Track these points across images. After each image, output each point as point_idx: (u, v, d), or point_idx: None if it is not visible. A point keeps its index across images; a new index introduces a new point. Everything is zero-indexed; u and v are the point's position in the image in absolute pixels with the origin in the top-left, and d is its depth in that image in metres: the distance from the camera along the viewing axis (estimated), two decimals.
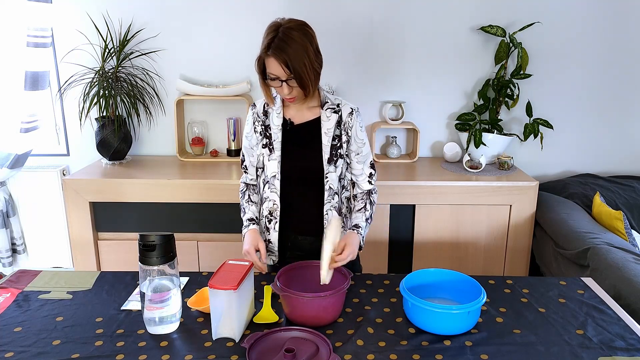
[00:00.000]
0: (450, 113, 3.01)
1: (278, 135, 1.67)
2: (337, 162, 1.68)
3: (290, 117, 1.69)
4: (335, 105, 1.68)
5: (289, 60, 1.50)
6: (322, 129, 1.67)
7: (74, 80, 2.84)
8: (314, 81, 1.58)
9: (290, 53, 1.51)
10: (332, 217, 1.63)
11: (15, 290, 1.60)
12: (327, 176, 1.67)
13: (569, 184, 2.86)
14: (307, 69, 1.53)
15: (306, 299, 1.37)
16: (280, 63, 1.52)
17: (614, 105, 2.97)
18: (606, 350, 1.31)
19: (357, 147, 1.71)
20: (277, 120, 1.68)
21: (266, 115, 1.71)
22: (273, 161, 1.67)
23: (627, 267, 2.00)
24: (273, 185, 1.69)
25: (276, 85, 1.57)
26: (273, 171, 1.68)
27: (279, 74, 1.54)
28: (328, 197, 1.69)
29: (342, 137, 1.68)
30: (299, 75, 1.52)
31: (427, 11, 2.83)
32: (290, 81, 1.54)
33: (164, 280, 1.37)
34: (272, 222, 1.72)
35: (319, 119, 1.68)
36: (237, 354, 1.29)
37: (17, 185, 2.98)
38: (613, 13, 2.83)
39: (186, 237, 2.65)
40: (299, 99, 1.61)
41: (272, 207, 1.71)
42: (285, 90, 1.56)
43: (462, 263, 2.69)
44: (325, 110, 1.68)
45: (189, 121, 3.00)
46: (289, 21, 1.57)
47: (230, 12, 2.83)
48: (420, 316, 1.38)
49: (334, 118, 1.67)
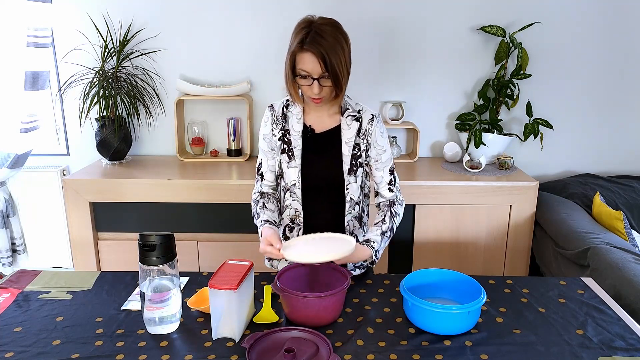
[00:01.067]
0: (450, 113, 3.01)
1: (299, 142, 1.61)
2: (357, 172, 1.63)
3: (310, 124, 1.63)
4: (356, 112, 1.63)
5: (327, 54, 1.44)
6: (342, 137, 1.61)
7: (74, 80, 2.84)
8: (346, 81, 1.52)
9: (326, 47, 1.44)
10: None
11: (15, 290, 1.60)
12: (348, 187, 1.63)
13: (569, 184, 2.86)
14: (342, 66, 1.47)
15: (306, 299, 1.37)
16: (317, 57, 1.45)
17: (614, 105, 2.97)
18: (606, 350, 1.31)
19: (377, 153, 1.65)
20: (297, 126, 1.62)
21: (285, 119, 1.64)
22: (293, 169, 1.62)
23: (627, 267, 2.00)
24: (294, 193, 1.64)
25: (306, 83, 1.50)
26: (293, 179, 1.62)
27: (313, 71, 1.47)
28: (349, 209, 1.66)
29: (362, 145, 1.62)
30: (335, 72, 1.46)
31: (427, 11, 2.83)
32: (322, 79, 1.48)
33: (164, 280, 1.37)
34: (295, 229, 1.68)
35: (339, 127, 1.63)
36: (237, 354, 1.29)
37: (17, 185, 2.98)
38: (613, 13, 2.83)
39: (186, 237, 2.65)
40: (326, 100, 1.55)
41: (294, 214, 1.67)
42: (316, 89, 1.49)
43: (462, 263, 2.69)
44: (345, 118, 1.62)
45: (189, 121, 3.00)
46: (321, 18, 1.52)
47: (230, 12, 2.84)
48: (420, 316, 1.38)
49: (355, 126, 1.61)
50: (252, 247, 1.86)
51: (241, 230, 2.64)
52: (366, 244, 1.57)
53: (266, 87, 2.95)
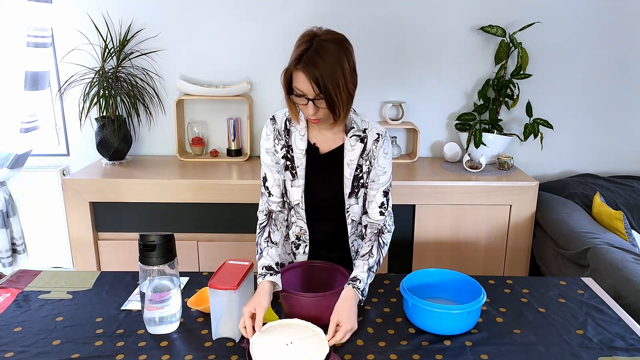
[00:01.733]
0: (450, 113, 3.01)
1: (302, 161, 1.53)
2: (359, 194, 1.57)
3: (315, 142, 1.55)
4: (362, 131, 1.52)
5: (320, 78, 1.33)
6: (344, 159, 1.53)
7: (74, 80, 2.84)
8: (346, 104, 1.40)
9: (322, 69, 1.33)
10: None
11: (15, 290, 1.60)
12: (349, 210, 1.59)
13: (569, 184, 2.86)
14: (339, 90, 1.36)
15: (306, 299, 1.37)
16: (309, 79, 1.34)
17: (614, 105, 2.97)
18: (606, 350, 1.31)
19: (376, 174, 1.55)
20: (300, 144, 1.53)
21: (288, 135, 1.54)
22: (296, 188, 1.56)
23: (627, 267, 2.00)
24: (298, 213, 1.61)
25: (301, 102, 1.40)
26: (297, 199, 1.57)
27: (307, 92, 1.37)
28: (352, 229, 1.64)
29: (364, 167, 1.54)
30: (330, 96, 1.35)
31: (427, 11, 2.83)
32: (318, 101, 1.38)
33: (164, 280, 1.37)
34: (301, 246, 1.66)
35: (342, 146, 1.54)
36: (237, 354, 1.29)
37: (17, 185, 2.98)
38: (613, 13, 2.83)
39: (186, 237, 2.65)
40: (324, 121, 1.45)
41: (299, 232, 1.64)
42: (311, 110, 1.39)
43: (462, 263, 2.69)
44: (350, 138, 1.51)
45: (189, 121, 3.00)
46: (327, 32, 1.40)
47: (230, 12, 2.83)
48: (420, 316, 1.38)
49: (359, 148, 1.51)
50: (252, 247, 1.86)
51: (241, 230, 2.63)
52: (352, 283, 1.42)
53: (266, 87, 2.95)
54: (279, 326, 1.31)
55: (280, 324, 1.32)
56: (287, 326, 1.30)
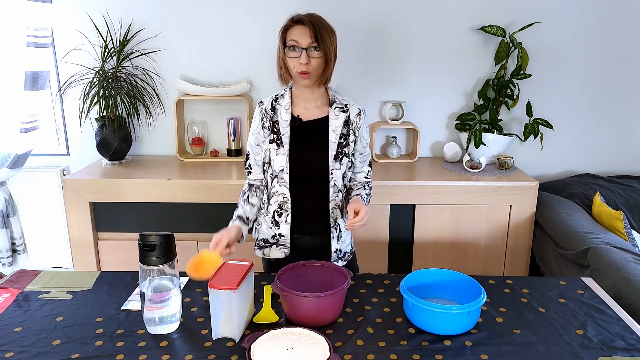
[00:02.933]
0: (450, 113, 3.01)
1: (287, 130, 1.68)
2: (342, 160, 1.71)
3: (298, 114, 1.71)
4: (344, 105, 1.72)
5: (317, 27, 1.58)
6: (330, 126, 1.69)
7: (74, 80, 2.84)
8: (333, 62, 1.64)
9: (318, 23, 1.60)
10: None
11: (15, 290, 1.60)
12: (333, 172, 1.70)
13: (569, 184, 2.86)
14: (331, 44, 1.61)
15: (306, 299, 1.37)
16: (308, 27, 1.58)
17: (614, 105, 2.97)
18: (606, 350, 1.31)
19: (362, 147, 1.77)
20: (285, 116, 1.70)
21: (274, 112, 1.72)
22: (281, 155, 1.68)
23: (627, 267, 2.00)
24: (282, 179, 1.69)
25: (295, 55, 1.60)
26: (281, 165, 1.68)
27: (301, 40, 1.59)
28: (333, 195, 1.72)
29: (350, 137, 1.72)
30: (325, 44, 1.59)
31: (427, 11, 2.83)
32: (311, 51, 1.59)
33: (164, 280, 1.37)
34: (283, 215, 1.73)
35: (326, 118, 1.71)
36: (237, 354, 1.29)
37: (17, 185, 2.98)
38: (613, 13, 2.83)
39: (186, 237, 2.65)
40: (313, 76, 1.62)
41: (282, 200, 1.72)
42: (304, 58, 1.59)
43: (462, 263, 2.69)
44: (333, 109, 1.71)
45: (189, 121, 3.00)
46: (310, 13, 1.66)
47: (230, 12, 2.83)
48: (420, 316, 1.38)
49: (342, 117, 1.70)
50: (252, 247, 1.87)
51: None
52: (357, 194, 1.74)
53: (266, 87, 2.95)
54: (281, 333, 1.31)
55: (282, 331, 1.32)
56: (289, 333, 1.30)
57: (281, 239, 1.75)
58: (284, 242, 1.75)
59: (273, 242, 1.77)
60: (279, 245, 1.76)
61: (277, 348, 1.24)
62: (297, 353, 1.22)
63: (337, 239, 1.77)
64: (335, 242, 1.77)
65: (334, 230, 1.76)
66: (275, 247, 1.77)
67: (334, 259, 1.77)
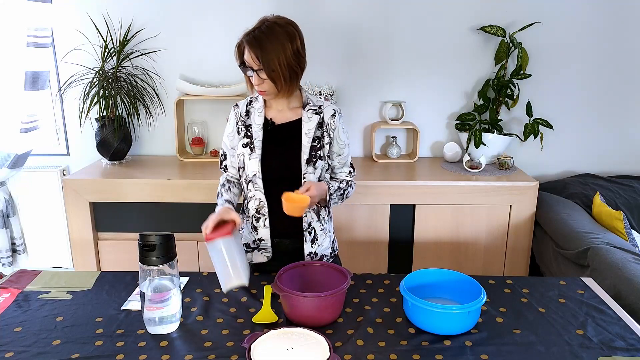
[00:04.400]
0: (450, 113, 3.01)
1: (259, 134, 1.67)
2: (317, 164, 1.68)
3: (271, 117, 1.70)
4: (317, 107, 1.69)
5: (261, 53, 1.53)
6: (302, 129, 1.67)
7: (74, 80, 2.84)
8: (289, 80, 1.59)
9: (264, 46, 1.53)
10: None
11: (15, 290, 1.60)
12: (305, 177, 1.67)
13: (569, 184, 2.86)
14: (280, 66, 1.54)
15: (306, 299, 1.37)
16: (252, 52, 1.55)
17: (614, 105, 2.97)
18: (606, 350, 1.31)
19: (339, 148, 1.73)
20: (258, 120, 1.69)
21: (248, 115, 1.71)
22: (254, 160, 1.66)
23: (627, 267, 2.00)
24: (256, 183, 1.68)
25: (248, 73, 1.60)
26: (254, 170, 1.67)
27: (250, 63, 1.57)
28: None
29: (324, 139, 1.69)
30: (269, 69, 1.54)
31: (428, 11, 2.83)
32: (261, 72, 1.56)
33: (164, 280, 1.37)
34: (261, 219, 1.71)
35: (300, 120, 1.69)
36: (237, 354, 1.29)
37: (17, 185, 2.98)
38: (613, 13, 2.83)
39: (186, 237, 2.65)
40: (270, 93, 1.61)
41: (258, 205, 1.70)
42: (255, 80, 1.58)
43: (462, 263, 2.69)
44: (306, 111, 1.68)
45: (189, 121, 3.00)
46: (277, 17, 1.62)
47: (230, 12, 2.83)
48: (420, 316, 1.38)
49: (315, 119, 1.67)
50: None
51: None
52: (328, 183, 1.71)
53: None
54: (281, 333, 1.31)
55: (282, 331, 1.32)
56: (289, 333, 1.30)
57: (261, 243, 1.73)
58: (265, 246, 1.74)
59: (254, 247, 1.75)
60: (260, 250, 1.75)
61: (277, 348, 1.24)
62: (297, 353, 1.22)
63: (311, 243, 1.74)
64: (309, 246, 1.73)
65: (307, 233, 1.73)
66: (257, 252, 1.76)
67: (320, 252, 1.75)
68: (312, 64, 2.90)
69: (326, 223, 1.78)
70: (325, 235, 1.77)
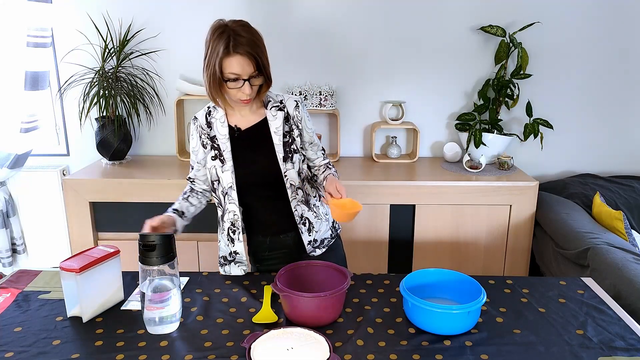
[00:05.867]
0: (450, 113, 3.01)
1: (227, 145, 1.62)
2: (294, 158, 1.65)
3: (235, 124, 1.65)
4: (279, 102, 1.65)
5: (256, 54, 1.47)
6: (270, 128, 1.63)
7: (74, 80, 2.84)
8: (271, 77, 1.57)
9: (253, 47, 1.47)
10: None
11: (15, 290, 1.60)
12: (286, 174, 1.64)
13: (569, 184, 2.86)
14: (267, 61, 1.52)
15: (306, 299, 1.37)
16: (248, 59, 1.47)
17: (614, 105, 2.98)
18: (606, 350, 1.31)
19: (310, 136, 1.70)
20: (222, 130, 1.63)
21: (210, 127, 1.65)
22: (226, 172, 1.63)
23: (627, 267, 2.00)
24: (230, 196, 1.65)
25: (236, 86, 1.50)
26: (228, 182, 1.63)
27: (243, 72, 1.48)
28: (292, 194, 1.67)
29: (294, 132, 1.65)
30: (266, 68, 1.51)
31: (427, 11, 2.83)
32: (253, 79, 1.50)
33: (164, 280, 1.37)
34: (236, 232, 1.70)
35: (265, 120, 1.64)
36: (237, 354, 1.29)
37: (17, 185, 2.98)
38: (613, 13, 2.83)
39: (186, 237, 2.64)
40: (252, 98, 1.57)
41: (232, 218, 1.68)
42: (247, 89, 1.50)
43: (462, 263, 2.69)
44: (270, 110, 1.64)
45: (188, 121, 3.00)
46: (233, 22, 1.53)
47: (230, 13, 2.83)
48: (420, 316, 1.38)
49: (281, 115, 1.63)
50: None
51: None
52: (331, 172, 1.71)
53: None
54: (281, 333, 1.31)
55: (282, 331, 1.32)
56: (289, 333, 1.30)
57: (237, 256, 1.72)
58: (240, 259, 1.72)
59: (230, 259, 1.74)
60: (236, 263, 1.73)
61: (277, 348, 1.24)
62: (297, 353, 1.22)
63: (308, 233, 1.72)
64: (307, 236, 1.72)
65: (302, 225, 1.71)
66: (234, 264, 1.74)
67: (310, 250, 1.74)
68: (313, 64, 2.92)
69: (318, 209, 1.76)
70: (320, 221, 1.76)
